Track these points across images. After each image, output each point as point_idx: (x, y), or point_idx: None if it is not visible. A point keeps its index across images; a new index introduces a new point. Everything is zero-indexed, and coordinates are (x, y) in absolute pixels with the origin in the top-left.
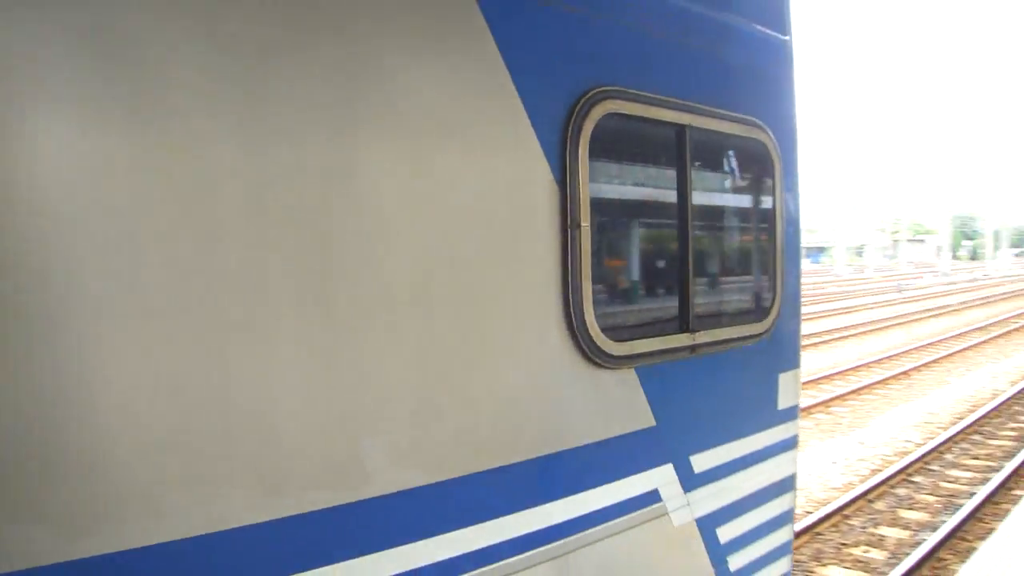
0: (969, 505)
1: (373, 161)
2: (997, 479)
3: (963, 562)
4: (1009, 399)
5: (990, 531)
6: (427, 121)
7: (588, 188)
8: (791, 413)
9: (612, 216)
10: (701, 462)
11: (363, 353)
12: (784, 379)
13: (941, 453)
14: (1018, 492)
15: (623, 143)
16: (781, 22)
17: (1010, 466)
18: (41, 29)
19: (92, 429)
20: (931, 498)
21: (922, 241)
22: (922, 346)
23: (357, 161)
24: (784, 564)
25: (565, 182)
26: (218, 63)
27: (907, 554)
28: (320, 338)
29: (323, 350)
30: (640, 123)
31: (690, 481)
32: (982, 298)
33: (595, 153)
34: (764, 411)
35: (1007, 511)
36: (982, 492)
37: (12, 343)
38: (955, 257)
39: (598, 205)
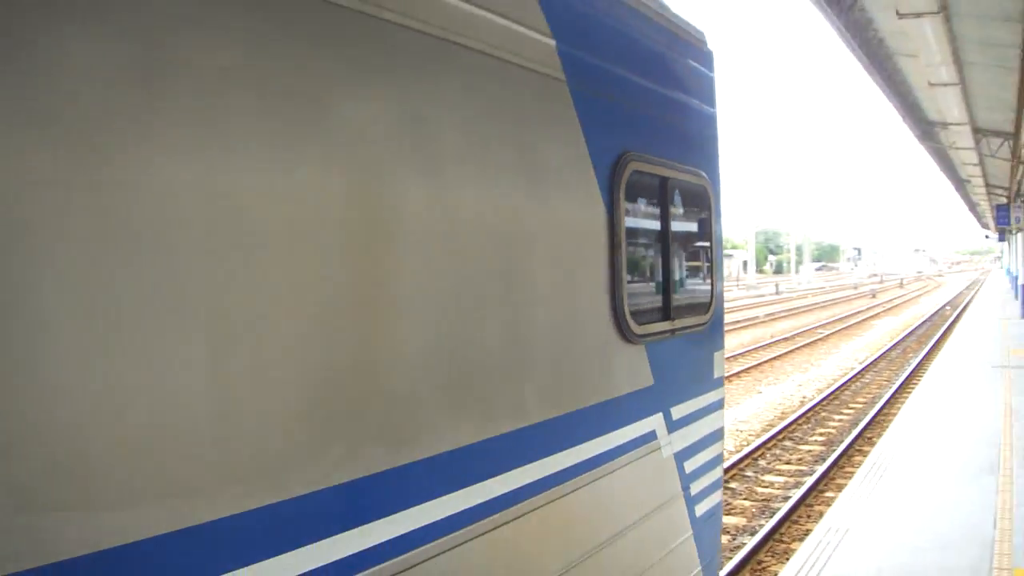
0: (784, 509)
1: (519, 197)
2: (809, 483)
3: (782, 564)
4: (816, 406)
5: (806, 532)
6: (544, 168)
7: (623, 220)
8: (720, 382)
9: (631, 240)
10: (676, 413)
11: (512, 326)
12: (717, 356)
13: (755, 459)
14: (830, 494)
15: (637, 190)
16: (712, 100)
17: (820, 469)
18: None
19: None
20: (747, 503)
21: (730, 256)
22: (731, 357)
23: (509, 197)
24: (717, 496)
25: (611, 215)
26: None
27: (728, 558)
28: (490, 320)
29: (494, 330)
30: (647, 176)
31: (671, 426)
32: (786, 310)
33: (625, 195)
34: (707, 379)
35: (821, 512)
36: (795, 496)
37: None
38: (760, 271)
39: (626, 232)
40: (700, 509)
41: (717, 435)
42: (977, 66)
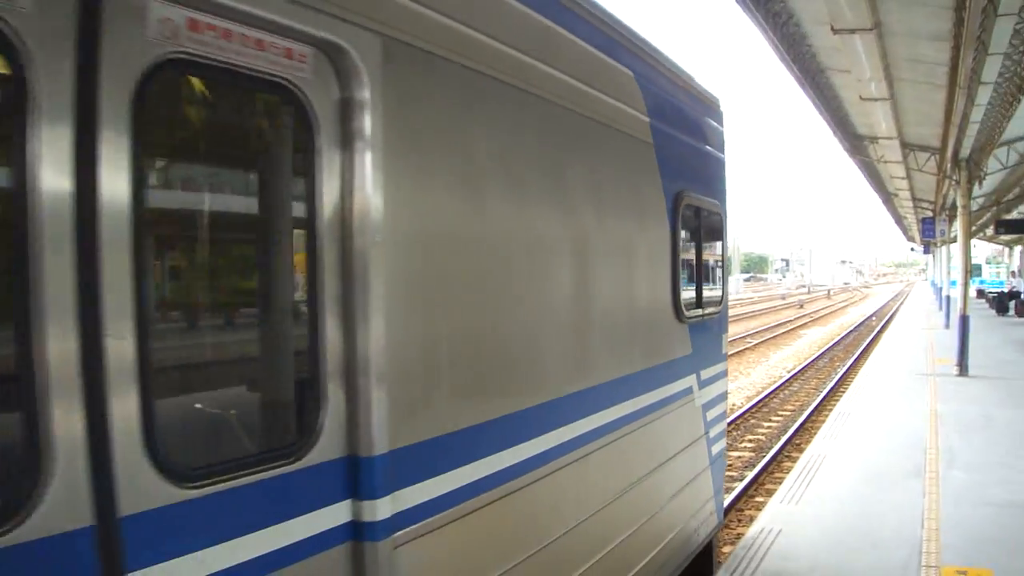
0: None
1: (632, 223)
2: (739, 488)
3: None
4: (745, 413)
5: (737, 536)
6: (642, 203)
7: (679, 238)
8: (725, 357)
9: (682, 251)
10: (703, 375)
11: (628, 308)
12: (724, 337)
13: None
14: (760, 499)
15: (685, 217)
16: (723, 148)
17: (750, 475)
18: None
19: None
20: None
21: None
22: None
23: (628, 222)
24: (723, 443)
25: (673, 235)
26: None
27: None
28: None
29: (621, 311)
30: (690, 207)
31: (700, 384)
32: None
33: (680, 222)
34: (719, 353)
35: (752, 516)
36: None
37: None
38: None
39: (680, 247)
40: (714, 449)
41: (723, 396)
42: (906, 82)
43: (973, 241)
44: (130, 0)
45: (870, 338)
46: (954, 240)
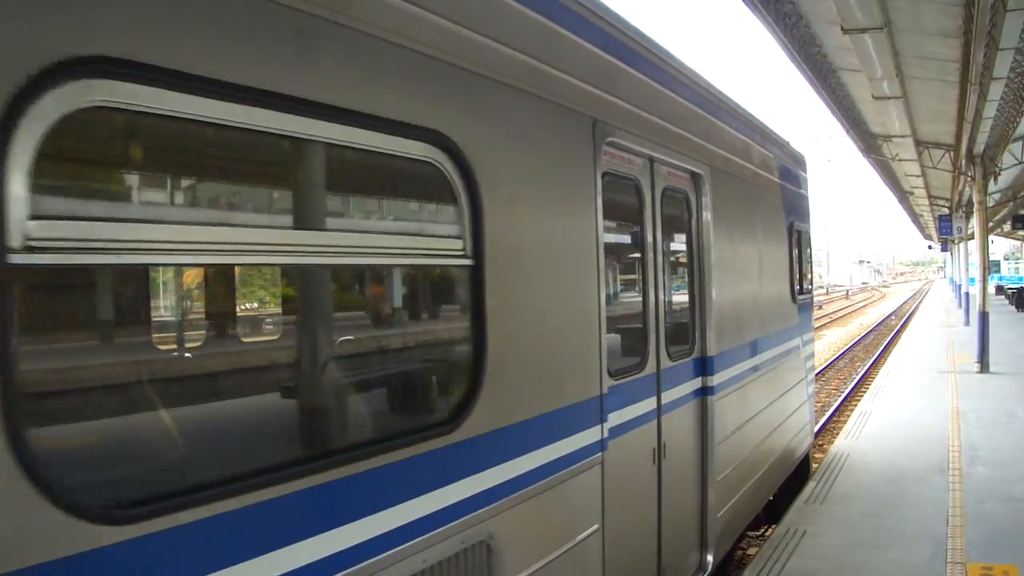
0: None
1: (772, 243)
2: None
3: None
4: None
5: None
6: (774, 229)
7: (794, 250)
8: (812, 327)
9: (795, 260)
10: (804, 338)
11: (774, 297)
12: (810, 315)
13: None
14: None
15: (793, 238)
16: (807, 188)
17: None
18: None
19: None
20: None
21: None
22: None
23: (771, 243)
24: (812, 388)
25: (790, 250)
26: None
27: None
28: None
29: (770, 298)
30: (796, 232)
31: (803, 344)
32: None
33: (793, 242)
34: (810, 325)
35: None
36: None
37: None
38: None
39: (793, 256)
40: (809, 390)
41: (812, 354)
42: (918, 80)
43: (991, 237)
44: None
45: (890, 337)
46: (971, 237)
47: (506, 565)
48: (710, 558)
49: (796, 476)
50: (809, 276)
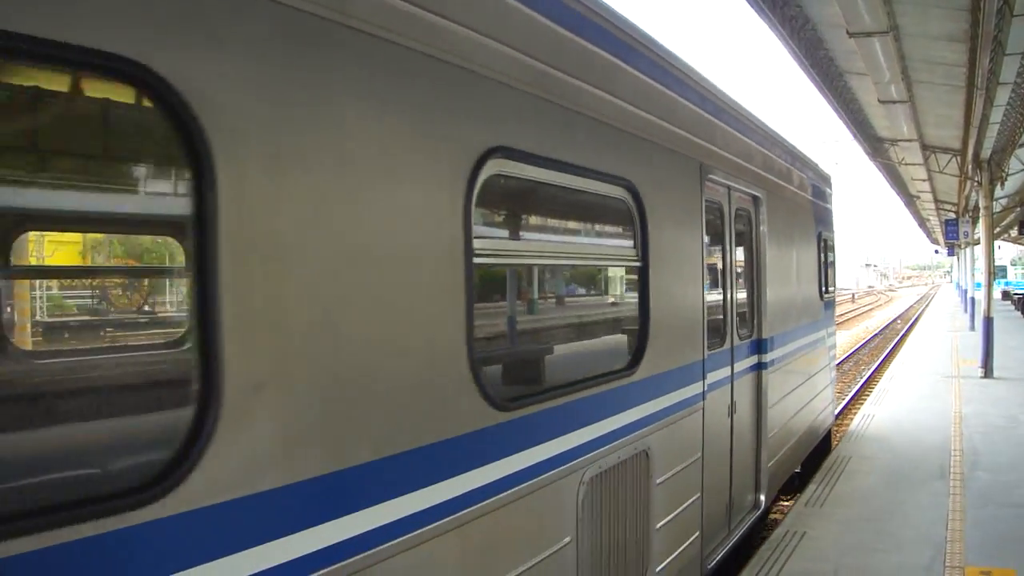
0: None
1: (805, 251)
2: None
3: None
4: None
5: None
6: (807, 238)
7: (822, 255)
8: (835, 321)
9: (823, 264)
10: (828, 330)
11: (809, 295)
12: (834, 310)
13: None
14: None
15: (821, 245)
16: (831, 201)
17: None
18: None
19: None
20: None
21: None
22: None
23: (803, 251)
24: (835, 373)
25: (818, 255)
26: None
27: None
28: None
29: (804, 295)
30: (823, 240)
31: (828, 335)
32: None
33: (820, 248)
34: (833, 319)
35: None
36: None
37: None
38: None
39: (821, 261)
40: (831, 376)
41: (835, 344)
42: (925, 84)
43: (997, 243)
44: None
45: (895, 341)
46: (978, 242)
47: (655, 467)
48: (762, 498)
49: (820, 448)
50: (833, 277)
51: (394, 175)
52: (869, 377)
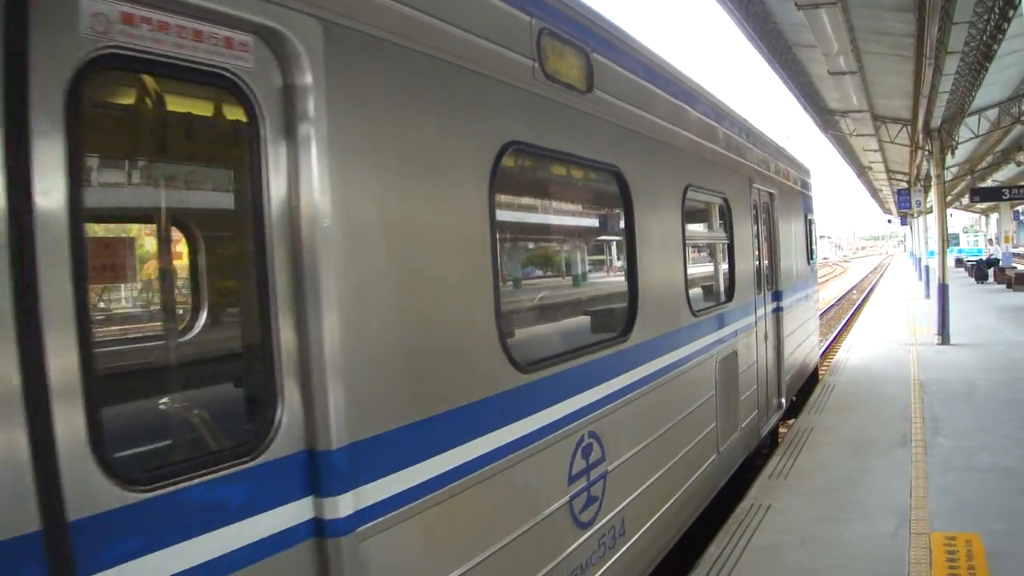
0: None
1: (799, 227)
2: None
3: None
4: None
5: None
6: (799, 224)
7: (809, 232)
8: (816, 284)
9: (806, 242)
10: (814, 288)
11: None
12: (816, 274)
13: None
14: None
15: (807, 224)
16: (811, 189)
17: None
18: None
19: None
20: None
21: None
22: None
23: (798, 226)
24: (818, 322)
25: (807, 230)
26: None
27: None
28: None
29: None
30: (808, 221)
31: (813, 291)
32: None
33: (808, 229)
34: (815, 281)
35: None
36: None
37: None
38: None
39: (809, 236)
40: (816, 324)
41: (817, 299)
42: (874, 55)
43: (949, 211)
44: None
45: (851, 312)
46: (930, 211)
47: (741, 362)
48: (784, 401)
49: (812, 381)
50: (816, 248)
51: (447, 178)
52: (827, 348)
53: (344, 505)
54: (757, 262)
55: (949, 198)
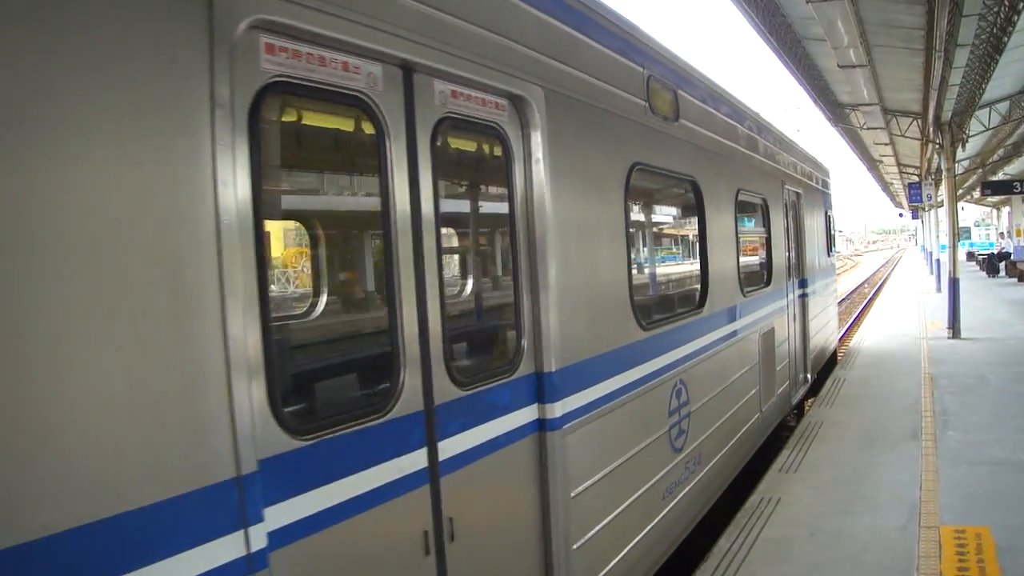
0: None
1: (820, 222)
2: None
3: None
4: None
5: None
6: (822, 214)
7: (829, 227)
8: (835, 271)
9: (829, 231)
10: (833, 276)
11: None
12: (835, 265)
13: None
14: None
15: (827, 221)
16: (830, 188)
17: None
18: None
19: None
20: None
21: None
22: None
23: (819, 221)
24: (836, 308)
25: (827, 225)
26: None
27: None
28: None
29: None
30: (828, 216)
31: (832, 279)
32: None
33: (828, 223)
34: (833, 273)
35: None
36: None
37: None
38: None
39: (829, 231)
40: (835, 310)
41: (836, 288)
42: (884, 48)
43: (960, 204)
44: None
45: (863, 305)
46: (941, 204)
47: (776, 337)
48: (809, 376)
49: (828, 366)
50: (834, 241)
51: (602, 190)
52: (839, 342)
53: (559, 409)
54: (787, 253)
55: (960, 192)
